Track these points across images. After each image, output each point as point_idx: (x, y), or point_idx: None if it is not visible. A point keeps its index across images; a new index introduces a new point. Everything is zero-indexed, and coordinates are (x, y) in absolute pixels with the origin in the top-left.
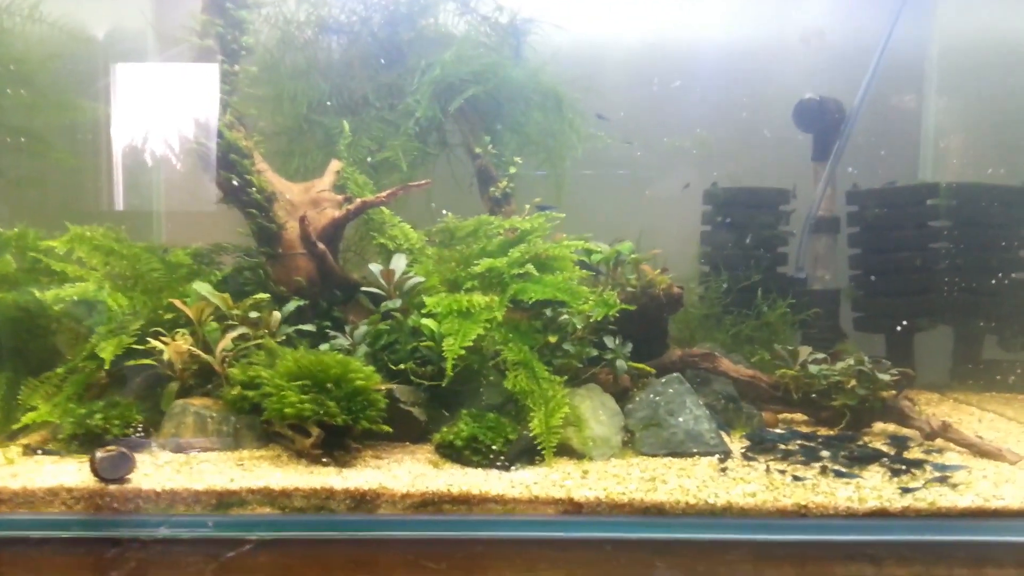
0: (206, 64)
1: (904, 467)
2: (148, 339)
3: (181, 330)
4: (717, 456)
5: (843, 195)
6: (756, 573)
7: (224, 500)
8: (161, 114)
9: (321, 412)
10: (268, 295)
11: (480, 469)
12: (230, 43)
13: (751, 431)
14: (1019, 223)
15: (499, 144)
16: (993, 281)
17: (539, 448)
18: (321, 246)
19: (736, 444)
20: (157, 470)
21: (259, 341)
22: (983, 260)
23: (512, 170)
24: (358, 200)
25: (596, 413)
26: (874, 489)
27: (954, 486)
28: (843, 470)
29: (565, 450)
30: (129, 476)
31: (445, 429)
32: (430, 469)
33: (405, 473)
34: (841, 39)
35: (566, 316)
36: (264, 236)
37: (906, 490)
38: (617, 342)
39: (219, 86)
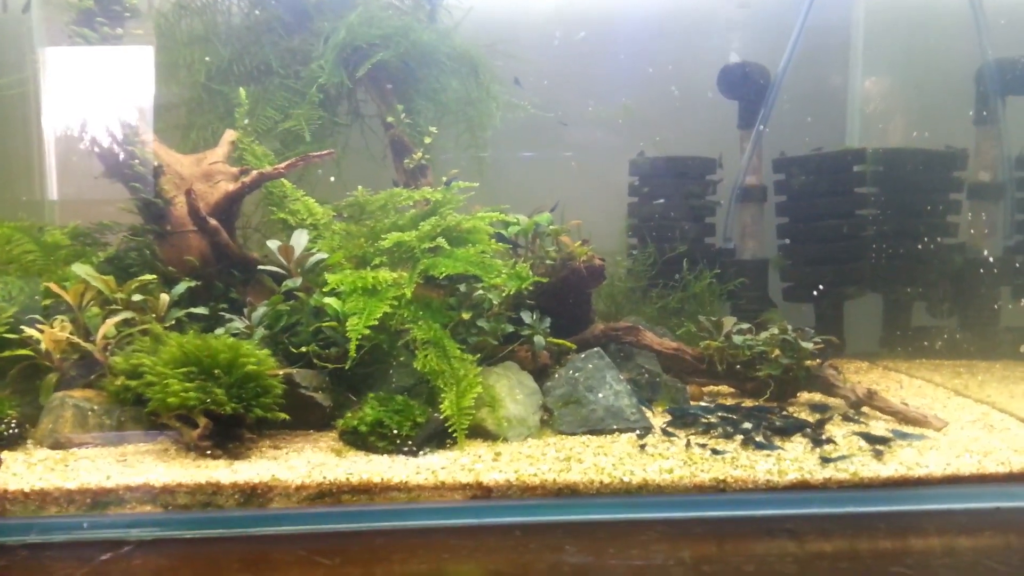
0: (86, 28)
1: (826, 438)
2: (23, 327)
3: (60, 316)
4: (637, 432)
5: (770, 163)
6: (672, 553)
7: (100, 499)
8: (42, 85)
9: (208, 401)
10: (155, 276)
11: (386, 456)
12: (112, 4)
13: (673, 405)
14: (944, 187)
15: (414, 114)
16: (920, 247)
17: (451, 431)
18: (213, 222)
19: (658, 419)
20: (28, 469)
21: (145, 327)
22: (910, 226)
23: (427, 140)
24: (255, 172)
25: (512, 392)
26: (795, 461)
27: (878, 455)
28: (764, 442)
29: (479, 432)
30: None
31: (349, 414)
32: (332, 458)
33: (303, 463)
34: (765, 2)
35: (481, 292)
36: (150, 212)
37: (827, 460)
38: (535, 317)
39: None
